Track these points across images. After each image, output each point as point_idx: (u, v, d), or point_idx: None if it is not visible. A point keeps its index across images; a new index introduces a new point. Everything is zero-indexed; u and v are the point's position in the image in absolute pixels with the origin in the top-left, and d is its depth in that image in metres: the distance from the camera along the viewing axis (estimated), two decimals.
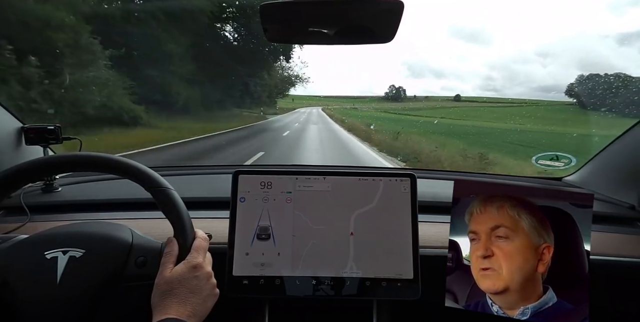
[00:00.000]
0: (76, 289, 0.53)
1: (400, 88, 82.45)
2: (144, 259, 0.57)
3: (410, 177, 0.71)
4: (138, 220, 0.84)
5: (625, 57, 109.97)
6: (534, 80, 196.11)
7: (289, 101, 41.80)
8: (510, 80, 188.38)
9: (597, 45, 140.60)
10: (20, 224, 0.81)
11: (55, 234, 0.58)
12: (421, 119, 20.58)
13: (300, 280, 0.67)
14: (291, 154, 7.13)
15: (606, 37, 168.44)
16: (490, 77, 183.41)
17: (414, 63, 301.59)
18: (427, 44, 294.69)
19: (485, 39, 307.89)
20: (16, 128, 1.00)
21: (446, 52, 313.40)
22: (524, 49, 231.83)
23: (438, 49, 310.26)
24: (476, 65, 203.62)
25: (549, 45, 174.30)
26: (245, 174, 0.70)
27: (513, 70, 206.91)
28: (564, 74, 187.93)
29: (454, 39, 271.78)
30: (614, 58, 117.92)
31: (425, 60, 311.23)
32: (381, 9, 0.61)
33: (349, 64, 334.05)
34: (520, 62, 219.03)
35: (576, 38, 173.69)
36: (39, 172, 0.59)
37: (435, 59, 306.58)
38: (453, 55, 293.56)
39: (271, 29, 0.66)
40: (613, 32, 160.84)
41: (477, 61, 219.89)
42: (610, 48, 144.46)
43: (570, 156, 1.25)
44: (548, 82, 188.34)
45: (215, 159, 6.01)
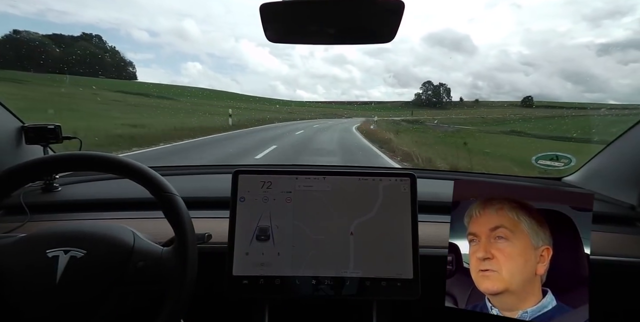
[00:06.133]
0: (74, 290, 0.53)
1: (443, 86, 55.79)
2: (143, 264, 0.57)
3: (410, 177, 0.71)
4: (138, 219, 0.84)
5: (604, 66, 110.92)
6: (519, 89, 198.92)
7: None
8: (496, 88, 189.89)
9: (577, 55, 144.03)
10: (20, 223, 0.81)
11: (58, 233, 0.58)
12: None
13: (300, 280, 0.66)
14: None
15: (586, 47, 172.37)
16: (476, 86, 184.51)
17: (399, 71, 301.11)
18: (410, 52, 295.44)
19: (469, 47, 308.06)
20: (16, 127, 1.00)
21: (430, 61, 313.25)
22: (509, 58, 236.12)
23: (422, 57, 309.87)
24: (461, 75, 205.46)
25: (532, 55, 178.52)
26: (245, 174, 0.70)
27: (498, 78, 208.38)
28: (547, 82, 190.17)
29: (439, 47, 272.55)
30: (594, 67, 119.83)
31: (410, 68, 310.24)
32: (382, 8, 0.61)
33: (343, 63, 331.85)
34: (506, 71, 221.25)
35: (557, 48, 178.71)
36: (52, 169, 0.60)
37: (420, 68, 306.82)
38: (437, 64, 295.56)
39: (271, 29, 0.66)
40: (591, 43, 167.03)
41: (464, 70, 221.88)
42: (590, 57, 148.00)
43: (570, 156, 1.25)
44: (534, 90, 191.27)
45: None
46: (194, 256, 0.56)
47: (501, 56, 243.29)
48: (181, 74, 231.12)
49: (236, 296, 0.66)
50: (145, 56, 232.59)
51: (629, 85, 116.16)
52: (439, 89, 54.45)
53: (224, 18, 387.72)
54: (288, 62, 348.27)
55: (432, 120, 25.45)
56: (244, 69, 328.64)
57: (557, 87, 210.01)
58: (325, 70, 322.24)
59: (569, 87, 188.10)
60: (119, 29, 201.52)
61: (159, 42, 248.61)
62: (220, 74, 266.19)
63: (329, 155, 6.56)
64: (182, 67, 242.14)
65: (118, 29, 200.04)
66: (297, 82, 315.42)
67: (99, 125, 9.18)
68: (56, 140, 1.02)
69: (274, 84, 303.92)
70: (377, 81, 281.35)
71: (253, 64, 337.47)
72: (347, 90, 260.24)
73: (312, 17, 0.64)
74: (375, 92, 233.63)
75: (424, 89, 55.09)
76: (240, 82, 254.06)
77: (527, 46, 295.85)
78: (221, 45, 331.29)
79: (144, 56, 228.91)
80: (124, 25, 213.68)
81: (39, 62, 22.53)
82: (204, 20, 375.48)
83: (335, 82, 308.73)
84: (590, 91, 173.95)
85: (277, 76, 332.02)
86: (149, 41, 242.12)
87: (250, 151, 6.72)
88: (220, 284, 0.66)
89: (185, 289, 0.53)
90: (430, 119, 27.02)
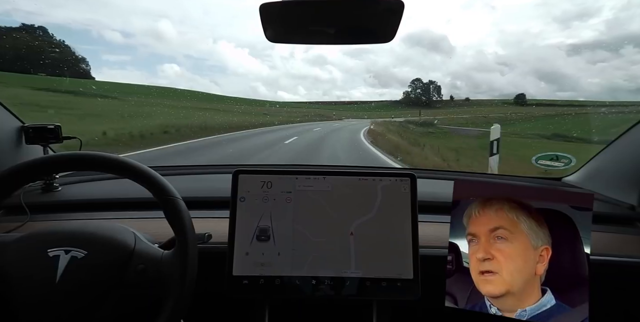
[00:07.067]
0: (73, 291, 0.53)
1: (433, 84, 50.11)
2: (143, 267, 0.57)
3: (410, 177, 0.71)
4: (138, 219, 0.84)
5: (574, 66, 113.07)
6: (496, 89, 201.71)
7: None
8: (474, 87, 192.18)
9: (549, 56, 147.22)
10: (21, 223, 0.81)
11: (60, 232, 0.58)
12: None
13: (300, 280, 0.66)
14: None
15: (557, 47, 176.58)
16: (454, 86, 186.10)
17: (379, 71, 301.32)
18: (390, 52, 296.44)
19: (447, 47, 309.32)
20: (16, 127, 1.00)
21: (410, 61, 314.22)
22: (485, 58, 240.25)
23: (401, 58, 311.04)
24: (440, 75, 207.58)
25: (507, 55, 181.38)
26: (245, 174, 0.70)
27: (476, 78, 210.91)
28: (522, 82, 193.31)
29: (418, 48, 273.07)
30: (565, 67, 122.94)
31: (390, 69, 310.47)
32: (382, 8, 0.61)
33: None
34: (483, 71, 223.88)
35: (531, 49, 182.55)
36: (52, 169, 0.60)
37: (400, 68, 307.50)
38: (416, 64, 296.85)
39: (271, 29, 0.66)
40: (562, 44, 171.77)
41: (442, 70, 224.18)
42: (561, 57, 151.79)
43: (569, 156, 1.25)
44: (510, 89, 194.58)
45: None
46: (193, 261, 0.56)
47: (478, 56, 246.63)
48: (158, 76, 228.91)
49: (236, 296, 0.66)
50: (120, 58, 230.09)
51: (598, 84, 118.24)
52: (429, 87, 50.99)
53: (201, 19, 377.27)
54: (268, 63, 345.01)
55: (432, 121, 23.32)
56: (224, 70, 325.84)
57: (531, 86, 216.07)
58: (305, 71, 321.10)
59: (542, 86, 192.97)
60: (91, 30, 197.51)
61: (134, 44, 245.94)
62: (199, 76, 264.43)
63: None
64: (159, 69, 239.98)
65: (90, 30, 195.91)
66: (279, 83, 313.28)
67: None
68: (56, 140, 1.02)
69: (254, 85, 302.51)
70: (358, 82, 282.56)
71: (233, 65, 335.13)
72: (328, 91, 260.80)
73: (312, 17, 0.64)
74: (357, 92, 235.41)
75: (413, 86, 51.36)
76: (221, 84, 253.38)
77: (502, 47, 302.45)
78: (199, 46, 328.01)
79: (119, 58, 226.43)
80: (96, 26, 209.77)
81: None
82: (180, 21, 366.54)
83: (316, 82, 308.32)
84: (562, 90, 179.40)
85: (258, 77, 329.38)
86: (123, 42, 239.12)
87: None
88: (220, 284, 0.66)
89: (184, 292, 0.53)
90: (430, 119, 24.67)
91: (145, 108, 17.66)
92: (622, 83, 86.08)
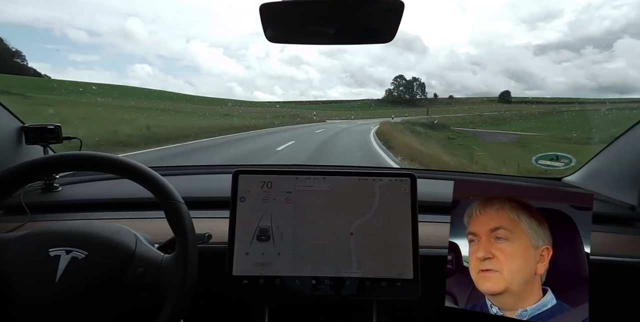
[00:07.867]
0: (73, 291, 0.53)
1: (416, 81, 46.09)
2: (143, 270, 0.56)
3: (410, 177, 0.71)
4: (138, 219, 0.84)
5: (540, 66, 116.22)
6: (469, 87, 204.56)
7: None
8: (448, 86, 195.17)
9: (517, 55, 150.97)
10: (21, 223, 0.81)
11: (61, 232, 0.58)
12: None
13: (300, 280, 0.66)
14: None
15: (525, 48, 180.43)
16: (429, 85, 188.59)
17: (355, 71, 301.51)
18: (365, 52, 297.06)
19: (421, 47, 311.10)
20: (16, 128, 1.00)
21: (385, 61, 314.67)
22: (458, 58, 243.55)
23: (377, 57, 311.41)
24: (415, 74, 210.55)
25: (479, 55, 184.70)
26: (245, 174, 0.70)
27: (449, 77, 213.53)
28: (493, 81, 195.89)
29: (393, 47, 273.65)
30: (532, 66, 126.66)
31: (366, 68, 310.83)
32: (382, 8, 0.61)
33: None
34: (456, 70, 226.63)
35: (500, 49, 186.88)
36: (52, 169, 0.60)
37: (376, 68, 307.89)
38: (392, 63, 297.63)
39: (271, 29, 0.66)
40: (529, 44, 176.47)
41: (417, 69, 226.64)
42: (529, 57, 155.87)
43: (569, 156, 1.25)
44: (482, 88, 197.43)
45: None
46: (193, 265, 0.56)
47: (451, 56, 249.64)
48: (129, 76, 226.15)
49: (236, 296, 0.66)
50: (88, 58, 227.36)
51: (563, 83, 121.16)
52: (412, 84, 47.37)
53: (173, 18, 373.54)
54: (244, 64, 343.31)
55: (433, 121, 20.79)
56: (198, 70, 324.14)
57: (502, 85, 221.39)
58: (282, 71, 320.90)
59: (512, 85, 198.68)
60: (53, 29, 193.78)
61: (101, 43, 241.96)
62: (172, 76, 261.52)
63: None
64: (129, 70, 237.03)
65: (52, 29, 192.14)
66: (255, 83, 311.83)
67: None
68: (56, 140, 1.02)
69: (230, 85, 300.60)
70: (335, 81, 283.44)
71: (207, 65, 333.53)
72: (305, 91, 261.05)
73: (312, 17, 0.64)
74: (334, 92, 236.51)
75: (395, 84, 47.49)
76: (195, 84, 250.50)
77: (474, 46, 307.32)
78: (171, 46, 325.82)
79: (86, 58, 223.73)
80: (59, 24, 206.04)
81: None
82: (152, 20, 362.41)
83: (293, 82, 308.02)
84: (530, 89, 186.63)
85: (234, 78, 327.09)
86: (89, 42, 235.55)
87: None
88: (220, 284, 0.66)
89: (183, 295, 0.53)
90: (431, 120, 21.95)
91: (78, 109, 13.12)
92: (584, 81, 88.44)
